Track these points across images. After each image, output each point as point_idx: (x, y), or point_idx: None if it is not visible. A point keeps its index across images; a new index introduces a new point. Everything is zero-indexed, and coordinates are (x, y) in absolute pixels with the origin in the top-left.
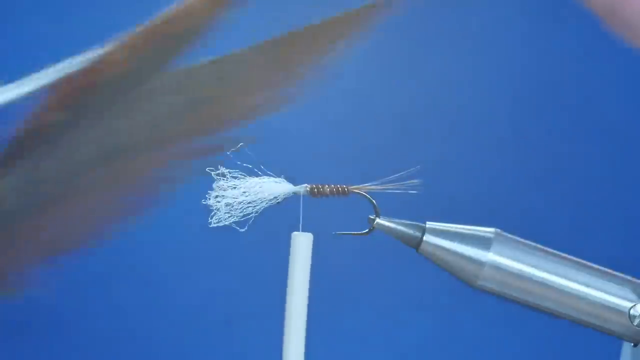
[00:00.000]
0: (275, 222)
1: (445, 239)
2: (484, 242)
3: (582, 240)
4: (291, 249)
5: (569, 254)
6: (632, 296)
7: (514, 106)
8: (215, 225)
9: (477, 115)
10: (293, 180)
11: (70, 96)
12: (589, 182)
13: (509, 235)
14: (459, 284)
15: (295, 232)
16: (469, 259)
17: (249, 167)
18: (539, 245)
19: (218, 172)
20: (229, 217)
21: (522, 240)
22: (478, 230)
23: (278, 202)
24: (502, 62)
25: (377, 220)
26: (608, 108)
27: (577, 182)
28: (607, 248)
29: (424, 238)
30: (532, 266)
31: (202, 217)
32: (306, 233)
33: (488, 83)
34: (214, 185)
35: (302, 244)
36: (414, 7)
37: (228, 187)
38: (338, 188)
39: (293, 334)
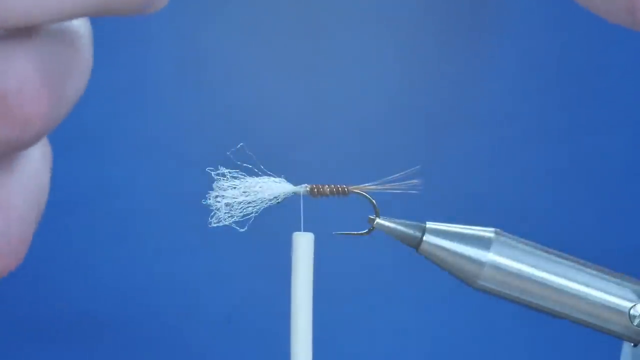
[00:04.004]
0: (275, 222)
1: (445, 239)
2: (484, 242)
3: (582, 240)
4: (293, 249)
5: (569, 254)
6: (632, 296)
7: (514, 105)
8: (215, 225)
9: (477, 115)
10: (293, 180)
11: None
12: (590, 181)
13: (509, 235)
14: (460, 283)
15: (296, 232)
16: (469, 259)
17: (249, 167)
18: (539, 245)
19: (218, 172)
20: (229, 217)
21: (522, 240)
22: (478, 230)
23: (278, 202)
24: (504, 60)
25: (377, 220)
26: (609, 107)
27: (577, 182)
28: (607, 248)
29: (424, 238)
30: (532, 266)
31: (202, 217)
32: (307, 233)
33: (488, 81)
34: (214, 185)
35: (303, 244)
36: (412, 5)
37: (228, 187)
38: (338, 188)
39: (300, 335)
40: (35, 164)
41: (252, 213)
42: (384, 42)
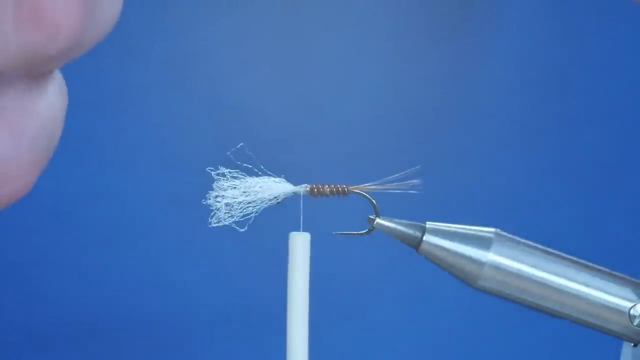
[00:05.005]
0: (275, 222)
1: (445, 239)
2: (484, 242)
3: (582, 240)
4: (289, 249)
5: (569, 254)
6: (632, 296)
7: (513, 106)
8: (215, 225)
9: (477, 115)
10: (293, 180)
11: None
12: (590, 181)
13: (509, 235)
14: (459, 284)
15: (292, 232)
16: (469, 259)
17: (249, 167)
18: (539, 245)
19: (218, 172)
20: (229, 217)
21: (522, 240)
22: (478, 230)
23: (278, 202)
24: (504, 61)
25: (377, 220)
26: (609, 107)
27: (577, 183)
28: (607, 248)
29: (424, 238)
30: (532, 266)
31: (202, 217)
32: (303, 232)
33: (489, 82)
34: (214, 185)
35: (300, 244)
36: (415, 5)
37: (228, 187)
38: (338, 188)
39: (296, 333)
40: (52, 96)
41: (252, 213)
42: (384, 44)
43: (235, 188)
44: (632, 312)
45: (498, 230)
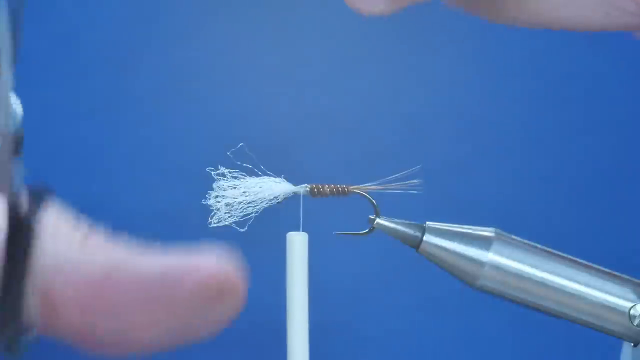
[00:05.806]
0: (275, 222)
1: (445, 238)
2: (484, 242)
3: (582, 240)
4: (287, 249)
5: (569, 254)
6: (632, 296)
7: (514, 106)
8: (215, 225)
9: (478, 116)
10: (293, 180)
11: None
12: (589, 182)
13: (509, 235)
14: (459, 284)
15: (290, 232)
16: (469, 259)
17: (249, 167)
18: (539, 245)
19: (218, 172)
20: (229, 217)
21: (522, 240)
22: (478, 230)
23: (278, 202)
24: (505, 63)
25: (377, 220)
26: (609, 108)
27: (577, 182)
28: (607, 248)
29: (424, 238)
30: (532, 266)
31: (202, 218)
32: (301, 232)
33: (489, 83)
34: (214, 185)
35: (297, 244)
36: (416, 7)
37: (228, 187)
38: (338, 188)
39: (296, 333)
40: None
41: (252, 213)
42: (385, 45)
43: (235, 188)
44: (632, 312)
45: (498, 230)
